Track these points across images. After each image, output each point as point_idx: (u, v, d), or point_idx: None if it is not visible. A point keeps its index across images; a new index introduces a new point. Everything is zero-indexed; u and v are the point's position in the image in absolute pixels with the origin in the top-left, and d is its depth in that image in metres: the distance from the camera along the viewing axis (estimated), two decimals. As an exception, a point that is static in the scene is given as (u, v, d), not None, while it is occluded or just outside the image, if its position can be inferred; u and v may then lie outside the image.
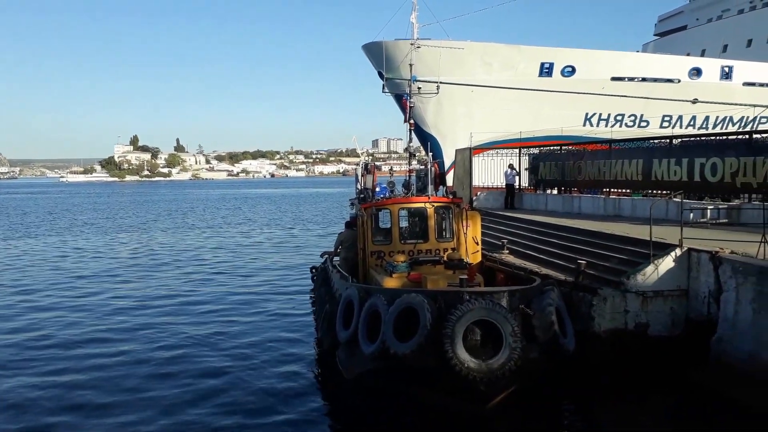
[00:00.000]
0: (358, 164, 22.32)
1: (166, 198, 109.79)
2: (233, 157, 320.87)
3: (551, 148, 25.79)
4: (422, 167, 17.06)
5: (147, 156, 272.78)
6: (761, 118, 30.86)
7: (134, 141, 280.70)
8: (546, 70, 31.68)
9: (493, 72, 31.51)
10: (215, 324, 18.08)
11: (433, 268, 14.14)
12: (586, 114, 32.11)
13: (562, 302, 11.97)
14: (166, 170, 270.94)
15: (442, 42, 30.39)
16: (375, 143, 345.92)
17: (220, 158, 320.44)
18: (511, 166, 25.53)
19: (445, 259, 14.30)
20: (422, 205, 15.21)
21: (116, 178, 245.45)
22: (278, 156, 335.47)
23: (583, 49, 32.88)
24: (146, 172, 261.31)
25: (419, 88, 18.34)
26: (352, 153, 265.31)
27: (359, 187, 20.29)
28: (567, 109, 31.17)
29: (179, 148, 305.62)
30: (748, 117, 31.24)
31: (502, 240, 17.70)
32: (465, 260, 14.41)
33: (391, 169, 18.81)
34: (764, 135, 17.45)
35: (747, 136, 17.92)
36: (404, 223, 15.68)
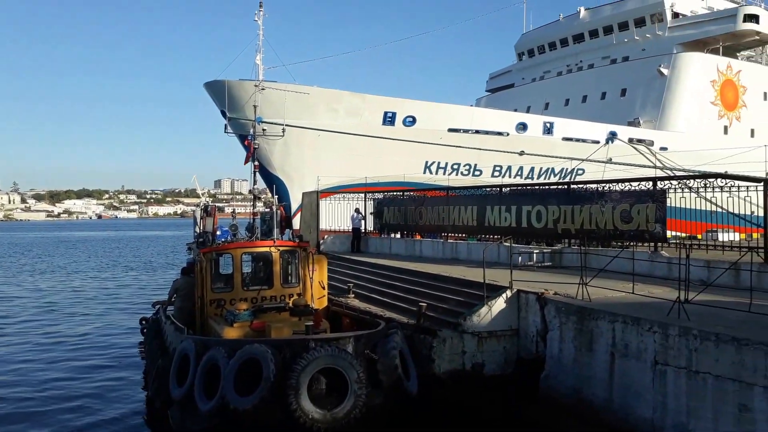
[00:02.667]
0: (197, 205, 21.45)
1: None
2: (54, 196, 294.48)
3: (394, 193, 26.67)
4: (267, 210, 16.71)
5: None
6: (577, 170, 34.20)
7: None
8: (389, 118, 32.94)
9: (338, 118, 32.18)
10: (26, 387, 15.95)
11: (277, 315, 13.75)
12: (426, 162, 33.71)
13: (405, 345, 12.13)
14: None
15: (288, 85, 30.57)
16: (218, 183, 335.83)
17: (38, 197, 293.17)
18: (357, 210, 25.97)
19: (291, 305, 14.01)
20: (267, 249, 14.76)
21: None
22: (107, 196, 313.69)
23: (423, 101, 34.68)
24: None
25: (264, 129, 18.14)
26: (192, 193, 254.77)
27: (198, 230, 19.44)
28: (409, 156, 32.52)
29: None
30: (566, 168, 34.49)
31: (348, 284, 17.77)
32: (311, 306, 14.22)
33: (233, 212, 18.25)
34: (580, 186, 19.33)
35: (566, 187, 19.76)
36: (247, 269, 15.20)
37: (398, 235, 25.50)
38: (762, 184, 14.57)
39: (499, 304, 13.42)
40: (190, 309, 14.94)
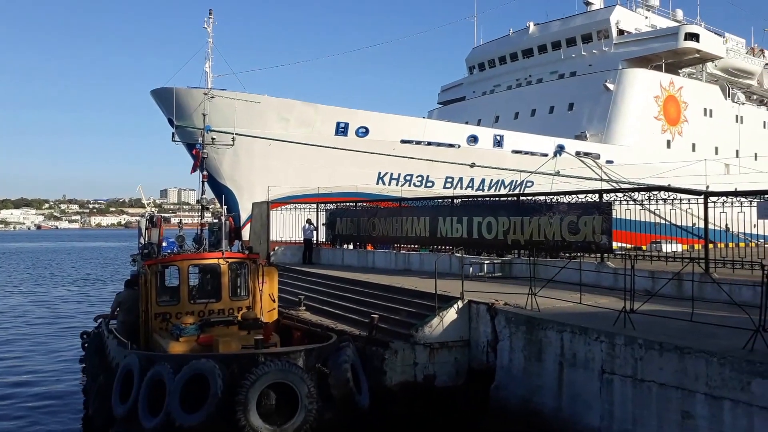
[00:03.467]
0: (142, 216, 20.87)
1: None
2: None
3: (347, 204, 26.57)
4: (216, 221, 16.37)
5: None
6: (527, 182, 34.79)
7: None
8: (342, 129, 32.86)
9: (290, 127, 31.91)
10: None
11: (226, 329, 13.43)
12: (379, 173, 33.73)
13: (357, 358, 12.06)
14: None
15: (238, 94, 30.18)
16: (164, 193, 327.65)
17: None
18: (309, 221, 25.74)
19: (240, 318, 13.73)
20: (215, 261, 14.42)
21: None
22: (47, 205, 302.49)
23: (376, 112, 34.74)
24: None
25: (213, 138, 17.84)
26: (137, 203, 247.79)
27: (143, 241, 18.83)
28: (361, 167, 32.49)
29: None
30: (516, 181, 35.06)
31: (299, 296, 17.55)
32: (261, 319, 13.97)
33: (180, 222, 17.81)
34: (529, 198, 19.64)
35: (516, 199, 20.05)
36: (194, 281, 14.83)
37: (351, 246, 25.39)
38: (702, 196, 15.06)
39: (451, 315, 13.45)
40: (133, 323, 14.47)
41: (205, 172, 16.39)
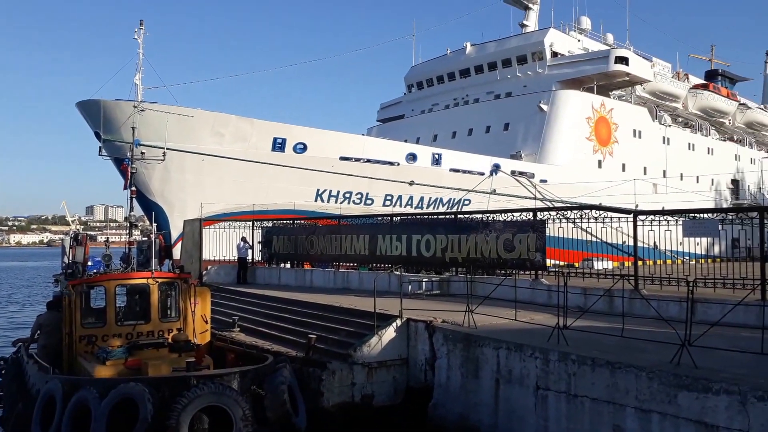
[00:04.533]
0: (66, 234, 19.94)
1: None
2: None
3: (284, 222, 26.18)
4: (145, 239, 15.76)
5: None
6: (464, 200, 35.27)
7: None
8: (279, 145, 32.49)
9: (225, 142, 31.33)
10: None
11: (155, 352, 12.89)
12: (318, 190, 33.49)
13: (294, 379, 11.84)
14: None
15: (170, 107, 29.43)
16: (90, 210, 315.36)
17: None
18: (243, 239, 25.20)
19: (170, 341, 13.21)
20: (144, 281, 13.83)
21: None
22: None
23: (314, 128, 34.59)
24: None
25: (143, 153, 17.28)
26: (61, 221, 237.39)
27: (67, 260, 17.96)
28: (299, 184, 32.17)
29: None
30: (454, 199, 35.49)
31: (233, 317, 17.09)
32: (192, 341, 13.49)
33: (107, 240, 17.11)
34: (467, 216, 19.86)
35: (453, 217, 20.23)
36: (122, 302, 14.22)
37: (288, 265, 25.01)
38: (632, 215, 15.56)
39: (389, 333, 13.37)
40: (56, 347, 13.67)
41: (133, 188, 15.78)
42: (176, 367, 11.57)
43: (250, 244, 25.36)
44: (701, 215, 15.09)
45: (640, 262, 15.66)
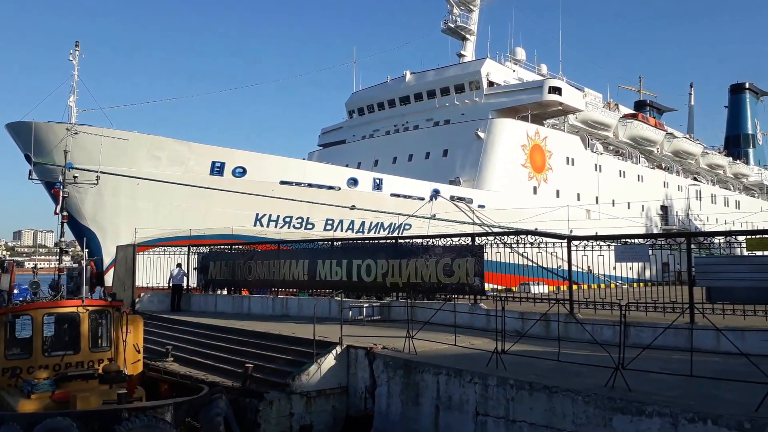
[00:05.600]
0: (-9, 260, 18.93)
1: None
2: None
3: (222, 247, 25.64)
4: (76, 265, 15.15)
5: None
6: (405, 225, 35.51)
7: None
8: (217, 168, 31.95)
9: (161, 166, 30.60)
10: None
11: (85, 383, 12.33)
12: (257, 214, 33.03)
13: (230, 410, 11.55)
14: None
15: (104, 130, 28.65)
16: (17, 235, 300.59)
17: None
18: (179, 265, 24.51)
19: (101, 372, 12.69)
20: (74, 309, 13.24)
21: None
22: None
23: (254, 152, 34.22)
24: None
25: (75, 176, 16.69)
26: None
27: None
28: (238, 208, 31.66)
29: None
30: (395, 223, 35.67)
31: (167, 346, 16.54)
32: (124, 372, 12.99)
33: (35, 267, 16.34)
34: (407, 240, 19.97)
35: (394, 241, 20.31)
36: (50, 332, 13.56)
37: (225, 292, 24.45)
38: (566, 240, 15.99)
39: (329, 361, 13.20)
40: (-25, 381, 12.91)
41: (65, 213, 15.20)
42: (107, 399, 11.18)
43: (185, 270, 24.69)
44: (632, 240, 15.62)
45: (575, 287, 16.08)
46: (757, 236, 13.07)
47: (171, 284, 24.21)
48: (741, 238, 13.89)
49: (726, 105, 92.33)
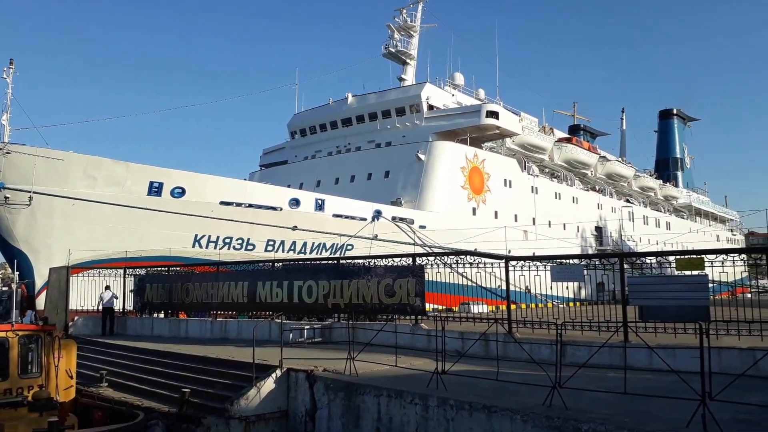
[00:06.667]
0: None
1: None
2: None
3: (159, 269, 25.01)
4: (6, 288, 14.56)
5: None
6: (347, 245, 35.52)
7: None
8: (155, 189, 31.23)
9: (97, 186, 29.72)
10: None
11: (13, 412, 11.80)
12: (196, 235, 32.39)
13: (166, 437, 11.25)
14: None
15: (39, 149, 27.71)
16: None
17: None
18: (108, 288, 23.73)
19: (30, 399, 12.16)
20: (3, 334, 12.76)
21: None
22: None
23: (193, 173, 33.60)
24: None
25: (7, 197, 16.07)
26: None
27: None
28: (176, 229, 30.97)
29: None
30: (337, 244, 35.63)
31: (101, 371, 15.98)
32: (55, 399, 12.50)
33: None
34: (349, 261, 20.00)
35: (336, 262, 20.31)
36: None
37: (162, 315, 23.82)
38: (503, 261, 16.37)
39: (269, 384, 13.03)
40: None
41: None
42: (36, 428, 10.71)
43: (114, 293, 23.95)
44: (568, 261, 16.12)
45: (513, 306, 16.43)
46: (686, 256, 13.62)
47: (101, 308, 23.39)
48: (671, 258, 14.53)
49: (656, 130, 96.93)
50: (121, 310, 24.23)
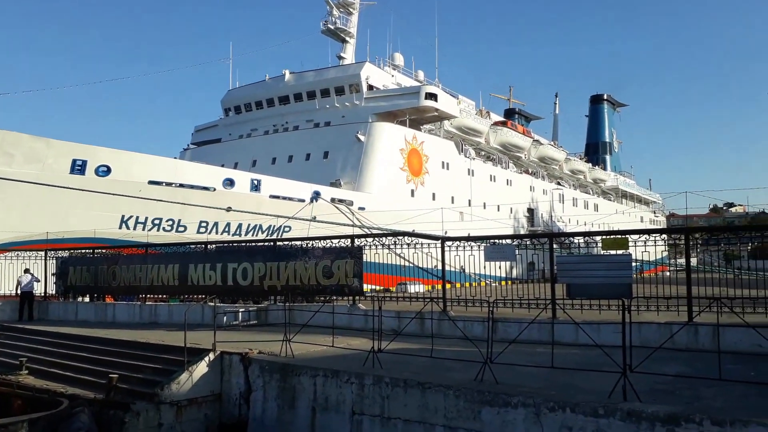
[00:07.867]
0: None
1: None
2: None
3: (83, 251, 23.95)
4: None
5: None
6: (284, 227, 35.05)
7: None
8: (78, 167, 29.82)
9: (15, 164, 28.16)
10: None
11: None
12: (123, 216, 31.18)
13: (93, 424, 10.96)
14: None
15: None
16: None
17: None
18: (27, 270, 22.56)
19: None
20: None
21: None
22: None
23: (119, 150, 32.26)
24: None
25: None
26: None
27: None
28: (102, 210, 29.70)
29: None
30: (274, 226, 35.10)
31: (20, 358, 15.18)
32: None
33: None
34: (286, 243, 19.71)
35: (272, 244, 19.97)
36: None
37: (87, 299, 22.87)
38: (440, 241, 16.45)
39: (201, 368, 12.68)
40: None
41: None
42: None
43: (36, 276, 22.80)
44: (501, 241, 16.35)
45: (448, 285, 16.59)
46: (612, 237, 14.15)
47: (19, 292, 22.23)
48: (597, 238, 14.98)
49: (587, 114, 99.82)
50: (42, 295, 23.12)
